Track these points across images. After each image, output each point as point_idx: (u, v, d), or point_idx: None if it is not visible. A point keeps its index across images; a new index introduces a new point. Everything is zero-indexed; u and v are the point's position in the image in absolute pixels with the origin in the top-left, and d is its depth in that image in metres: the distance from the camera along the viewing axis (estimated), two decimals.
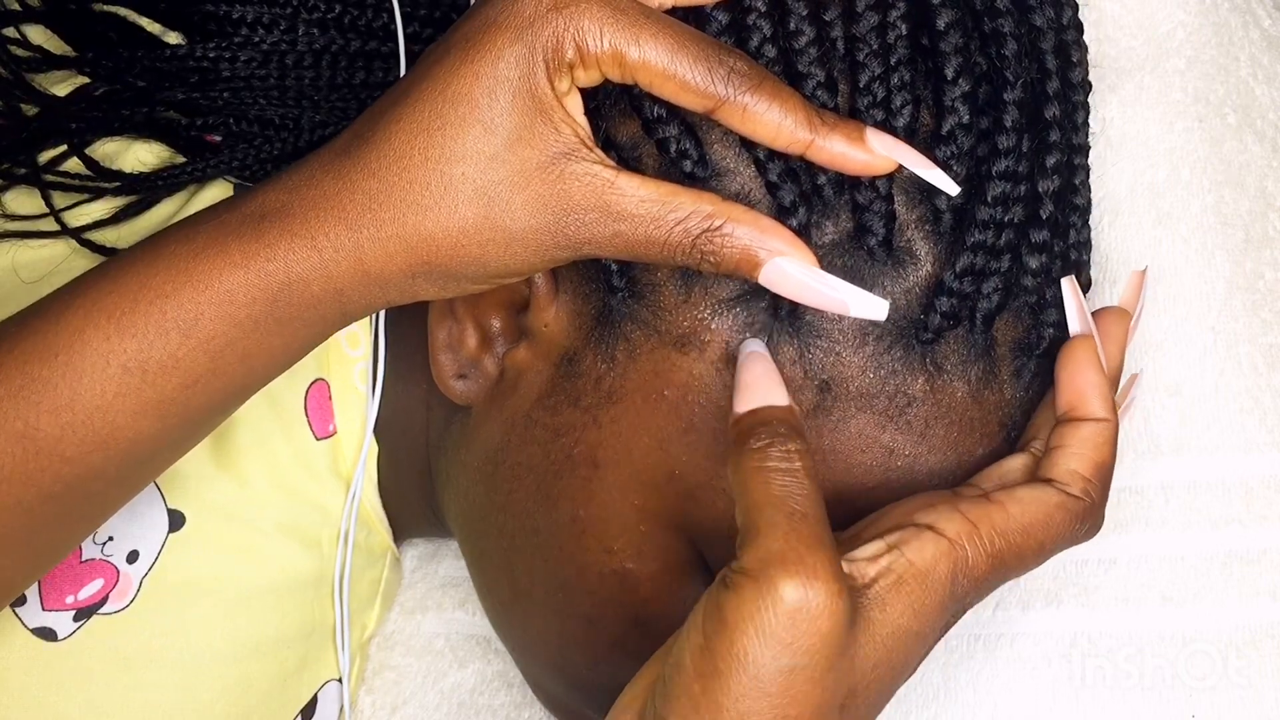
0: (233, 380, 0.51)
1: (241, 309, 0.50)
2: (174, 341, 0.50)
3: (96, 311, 0.50)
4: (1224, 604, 0.65)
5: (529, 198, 0.49)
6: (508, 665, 0.72)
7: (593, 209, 0.49)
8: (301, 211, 0.50)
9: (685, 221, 0.49)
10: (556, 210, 0.49)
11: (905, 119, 0.52)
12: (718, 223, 0.49)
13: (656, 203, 0.49)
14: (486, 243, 0.49)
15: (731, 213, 0.50)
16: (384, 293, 0.51)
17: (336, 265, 0.50)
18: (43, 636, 0.61)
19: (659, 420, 0.54)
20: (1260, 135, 0.67)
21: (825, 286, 0.50)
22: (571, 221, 0.49)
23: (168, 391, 0.50)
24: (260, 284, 0.50)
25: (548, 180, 0.49)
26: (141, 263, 0.51)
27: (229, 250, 0.50)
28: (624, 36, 0.48)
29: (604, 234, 0.49)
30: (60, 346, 0.50)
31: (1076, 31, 0.57)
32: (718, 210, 0.49)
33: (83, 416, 0.50)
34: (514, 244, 0.49)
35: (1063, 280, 0.55)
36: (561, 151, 0.49)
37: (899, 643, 0.49)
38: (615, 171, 0.49)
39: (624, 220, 0.49)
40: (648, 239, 0.49)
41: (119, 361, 0.50)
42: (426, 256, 0.50)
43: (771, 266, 0.49)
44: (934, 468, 0.54)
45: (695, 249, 0.49)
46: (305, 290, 0.50)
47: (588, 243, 0.50)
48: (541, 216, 0.49)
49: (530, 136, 0.49)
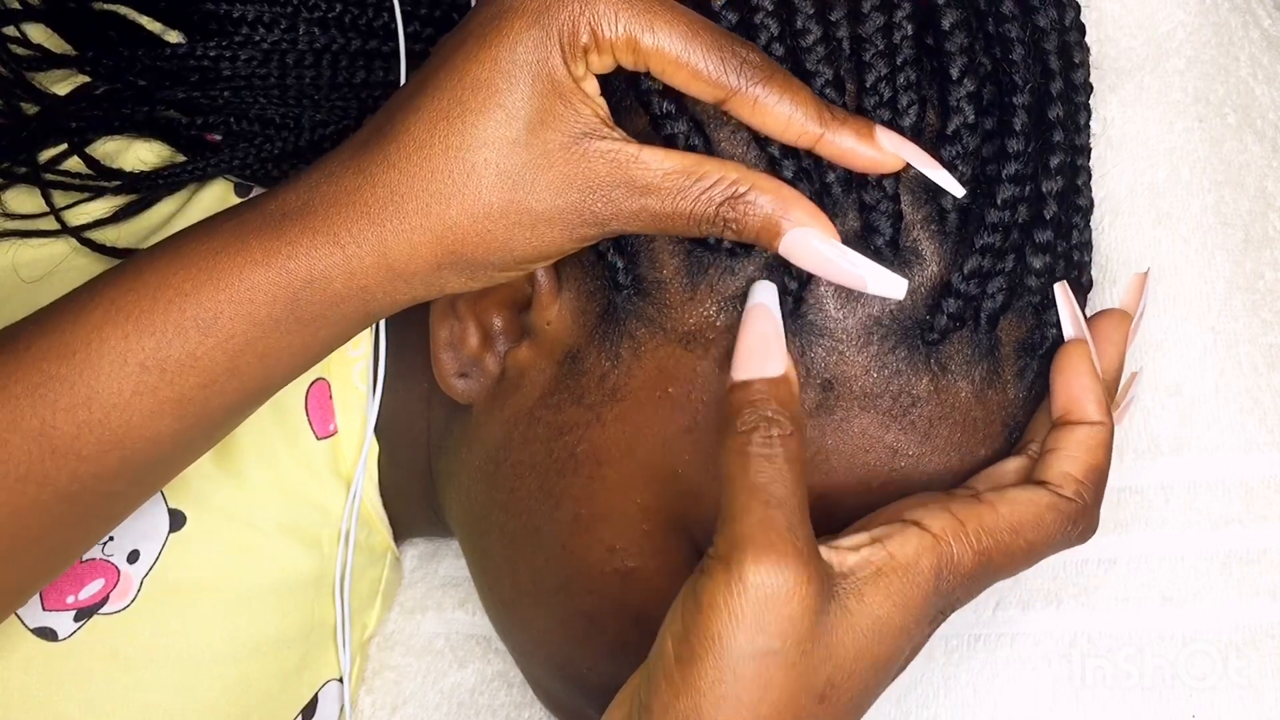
0: (251, 380, 0.51)
1: (262, 308, 0.49)
2: (193, 340, 0.49)
3: (115, 310, 0.49)
4: (1224, 604, 0.65)
5: (553, 178, 0.49)
6: (508, 665, 0.72)
7: (618, 184, 0.49)
8: (323, 208, 0.49)
9: (711, 189, 0.49)
10: (582, 188, 0.49)
11: (911, 119, 0.53)
12: (743, 189, 0.49)
13: (681, 174, 0.49)
14: (513, 226, 0.49)
15: (756, 180, 0.50)
16: (409, 288, 0.50)
17: (360, 261, 0.49)
18: (43, 636, 0.60)
19: (663, 418, 0.54)
20: (1260, 135, 0.67)
21: (844, 260, 0.50)
22: (598, 199, 0.49)
23: (186, 390, 0.50)
24: (282, 282, 0.49)
25: (571, 160, 0.49)
26: (161, 261, 0.50)
27: (250, 248, 0.49)
28: (638, 23, 0.48)
29: (630, 209, 0.49)
30: (78, 344, 0.49)
31: (1079, 33, 0.57)
32: (743, 177, 0.50)
33: (100, 415, 0.49)
34: (540, 225, 0.49)
35: (1055, 286, 0.55)
36: (583, 131, 0.49)
37: (880, 635, 0.49)
38: (639, 146, 0.49)
39: (649, 193, 0.49)
40: (674, 210, 0.50)
41: (137, 360, 0.49)
42: (453, 246, 0.50)
43: (792, 236, 0.49)
44: (938, 468, 0.54)
45: (719, 216, 0.49)
46: (328, 288, 0.50)
47: (614, 218, 0.50)
48: (567, 196, 0.49)
49: (550, 119, 0.49)
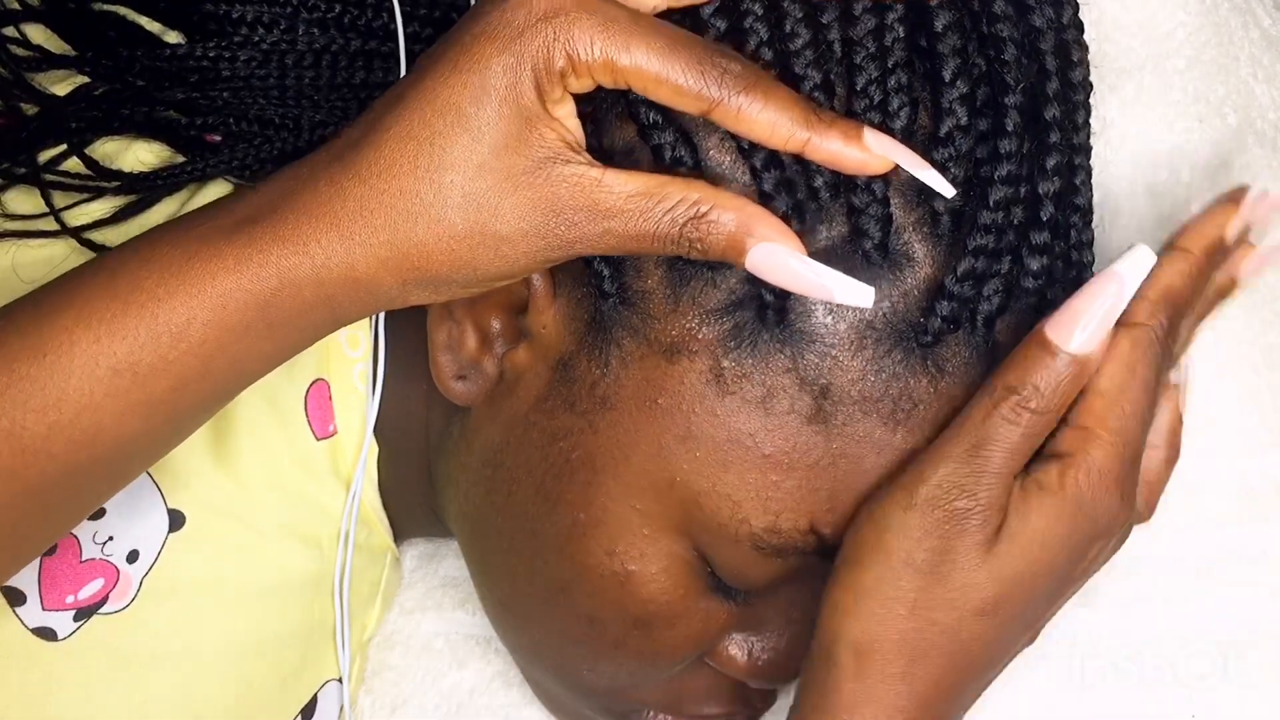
0: (222, 381, 0.52)
1: (234, 314, 0.50)
2: (165, 345, 0.50)
3: (87, 313, 0.50)
4: (1224, 604, 0.65)
5: (517, 202, 0.49)
6: (507, 665, 0.72)
7: (581, 208, 0.50)
8: (294, 217, 0.50)
9: (673, 210, 0.50)
10: (545, 212, 0.49)
11: (903, 121, 0.52)
12: (705, 208, 0.50)
13: (644, 196, 0.50)
14: (477, 247, 0.50)
15: (719, 199, 0.50)
16: (375, 299, 0.51)
17: (328, 272, 0.50)
18: (43, 636, 0.60)
19: (655, 428, 0.54)
20: (1260, 135, 0.67)
21: (810, 271, 0.50)
22: (561, 222, 0.50)
23: (157, 393, 0.50)
24: (253, 289, 0.50)
25: (534, 184, 0.49)
26: (134, 263, 0.51)
27: (223, 255, 0.50)
28: (615, 44, 0.48)
29: (594, 232, 0.50)
30: (49, 346, 0.50)
31: (1076, 31, 0.56)
32: (704, 196, 0.50)
33: (70, 416, 0.50)
34: (504, 247, 0.50)
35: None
36: (547, 156, 0.49)
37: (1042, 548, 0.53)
38: (602, 170, 0.50)
39: (612, 216, 0.50)
40: (637, 232, 0.50)
41: (109, 364, 0.50)
42: (418, 263, 0.50)
43: (757, 252, 0.49)
44: None
45: (683, 236, 0.50)
46: (297, 295, 0.50)
47: (578, 240, 0.50)
48: (531, 220, 0.50)
49: (517, 144, 0.49)
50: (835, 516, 0.54)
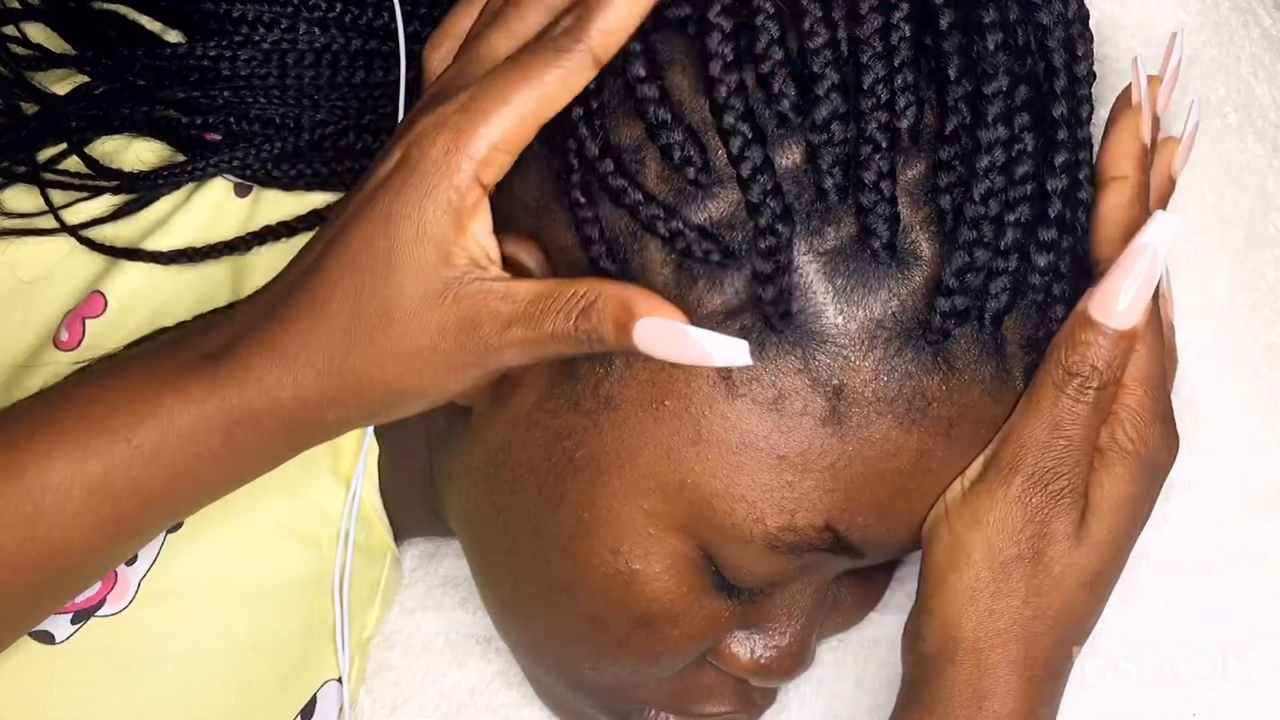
0: (187, 500, 0.56)
1: (200, 442, 0.54)
2: (137, 468, 0.53)
3: (65, 436, 0.53)
4: (1224, 604, 0.65)
5: (430, 324, 0.52)
6: (508, 665, 0.72)
7: (487, 320, 0.52)
8: (246, 354, 0.53)
9: (566, 307, 0.51)
10: (459, 328, 0.52)
11: (909, 120, 0.52)
12: (591, 298, 0.51)
13: (544, 298, 0.51)
14: (404, 370, 0.53)
15: (605, 289, 0.51)
16: (326, 428, 0.55)
17: (281, 404, 0.53)
18: (41, 640, 0.60)
19: (664, 430, 0.54)
20: (1260, 135, 0.67)
21: (683, 337, 0.50)
22: (474, 336, 0.52)
23: (126, 510, 0.54)
24: (217, 419, 0.53)
25: (444, 305, 0.52)
26: (110, 390, 0.54)
27: (189, 389, 0.53)
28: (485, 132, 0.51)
29: (503, 341, 0.52)
30: (29, 464, 0.53)
31: (1082, 24, 0.56)
32: (592, 289, 0.51)
33: (43, 531, 0.53)
34: (426, 369, 0.53)
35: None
36: (456, 277, 0.52)
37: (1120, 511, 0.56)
38: (505, 282, 0.52)
39: (516, 322, 0.52)
40: (539, 334, 0.51)
41: (83, 484, 0.53)
42: (357, 390, 0.53)
43: (641, 328, 0.50)
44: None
45: (578, 329, 0.51)
46: (258, 425, 0.54)
47: (490, 352, 0.52)
48: (449, 337, 0.52)
49: (433, 270, 0.52)
50: (852, 513, 0.54)
